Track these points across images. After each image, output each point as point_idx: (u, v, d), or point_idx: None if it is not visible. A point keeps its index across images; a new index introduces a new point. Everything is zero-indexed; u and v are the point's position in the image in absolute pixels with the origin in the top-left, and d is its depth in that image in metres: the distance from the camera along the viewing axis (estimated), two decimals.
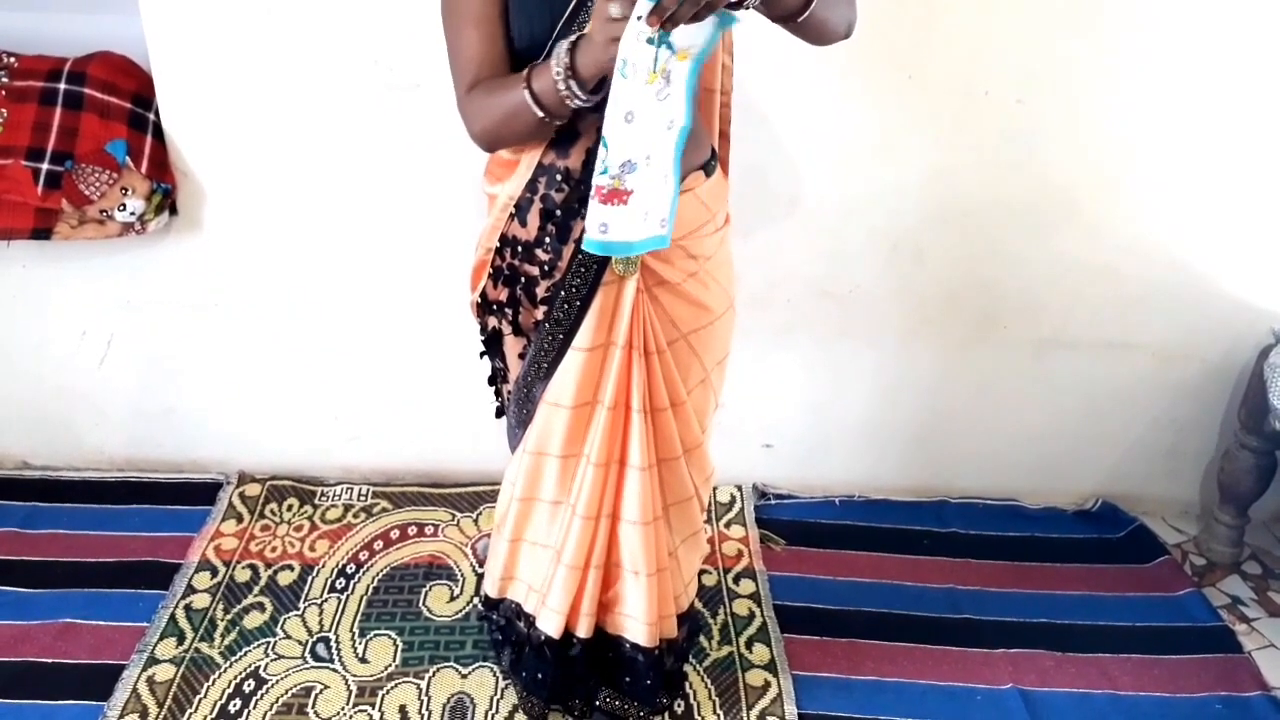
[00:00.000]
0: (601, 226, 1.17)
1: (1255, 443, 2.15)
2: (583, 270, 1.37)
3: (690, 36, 1.11)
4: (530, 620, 1.65)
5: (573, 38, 1.19)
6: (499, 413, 1.65)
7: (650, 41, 1.10)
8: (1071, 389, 2.30)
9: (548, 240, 1.38)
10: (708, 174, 1.44)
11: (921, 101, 1.99)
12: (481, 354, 1.59)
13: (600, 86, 1.18)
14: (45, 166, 1.91)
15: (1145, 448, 2.38)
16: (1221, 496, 2.27)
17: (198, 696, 1.79)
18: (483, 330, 1.55)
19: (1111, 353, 2.25)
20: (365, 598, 2.03)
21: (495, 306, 1.49)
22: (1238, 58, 1.95)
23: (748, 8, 1.16)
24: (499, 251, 1.44)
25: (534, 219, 1.38)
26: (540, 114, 1.23)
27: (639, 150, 1.14)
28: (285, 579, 2.07)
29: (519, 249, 1.41)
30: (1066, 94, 1.99)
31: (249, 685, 1.82)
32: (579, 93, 1.19)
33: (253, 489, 2.31)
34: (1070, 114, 2.01)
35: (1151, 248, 2.13)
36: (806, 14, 1.23)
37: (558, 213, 1.36)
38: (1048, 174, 2.06)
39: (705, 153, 1.45)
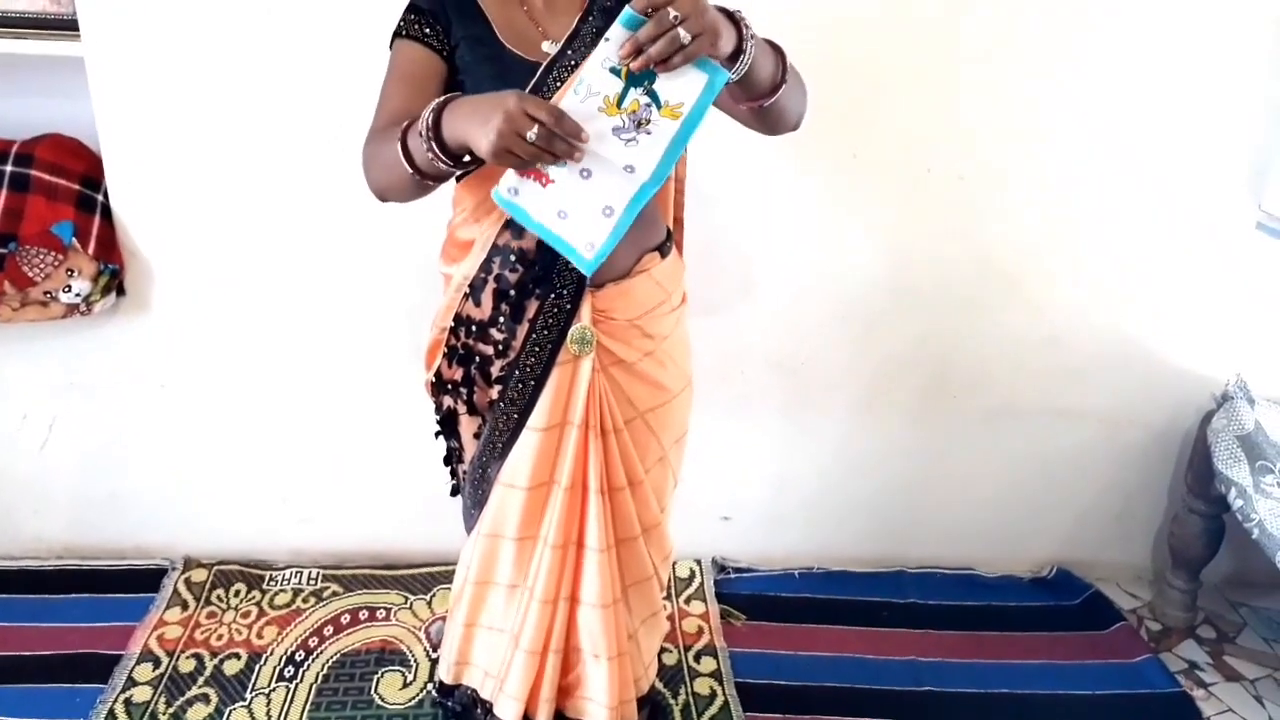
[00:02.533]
0: (511, 189, 1.16)
1: (1203, 507, 2.19)
2: (537, 350, 1.37)
3: (676, 90, 1.11)
4: (487, 707, 1.61)
5: (443, 98, 1.16)
6: (454, 490, 1.63)
7: (614, 71, 1.11)
8: (1022, 457, 2.33)
9: (502, 320, 1.38)
10: (663, 255, 1.45)
11: (866, 179, 2.04)
12: (436, 434, 1.58)
13: (473, 157, 1.15)
14: None
15: (1097, 514, 2.40)
16: (1173, 561, 2.30)
17: None
18: (438, 410, 1.54)
19: (1059, 421, 2.29)
20: (315, 686, 1.96)
21: (450, 386, 1.48)
22: (1171, 133, 2.04)
23: (732, 72, 1.17)
24: (454, 331, 1.44)
25: (488, 299, 1.38)
26: (409, 170, 1.19)
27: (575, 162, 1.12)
28: (231, 668, 1.99)
29: (473, 328, 1.41)
30: (1006, 169, 2.06)
31: None
32: (442, 157, 1.15)
33: (199, 574, 2.24)
34: (1011, 189, 2.07)
35: (1094, 318, 2.19)
36: (774, 98, 1.26)
37: (511, 293, 1.36)
38: (990, 247, 2.12)
39: (660, 234, 1.46)
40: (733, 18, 1.17)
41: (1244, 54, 1.98)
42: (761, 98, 1.26)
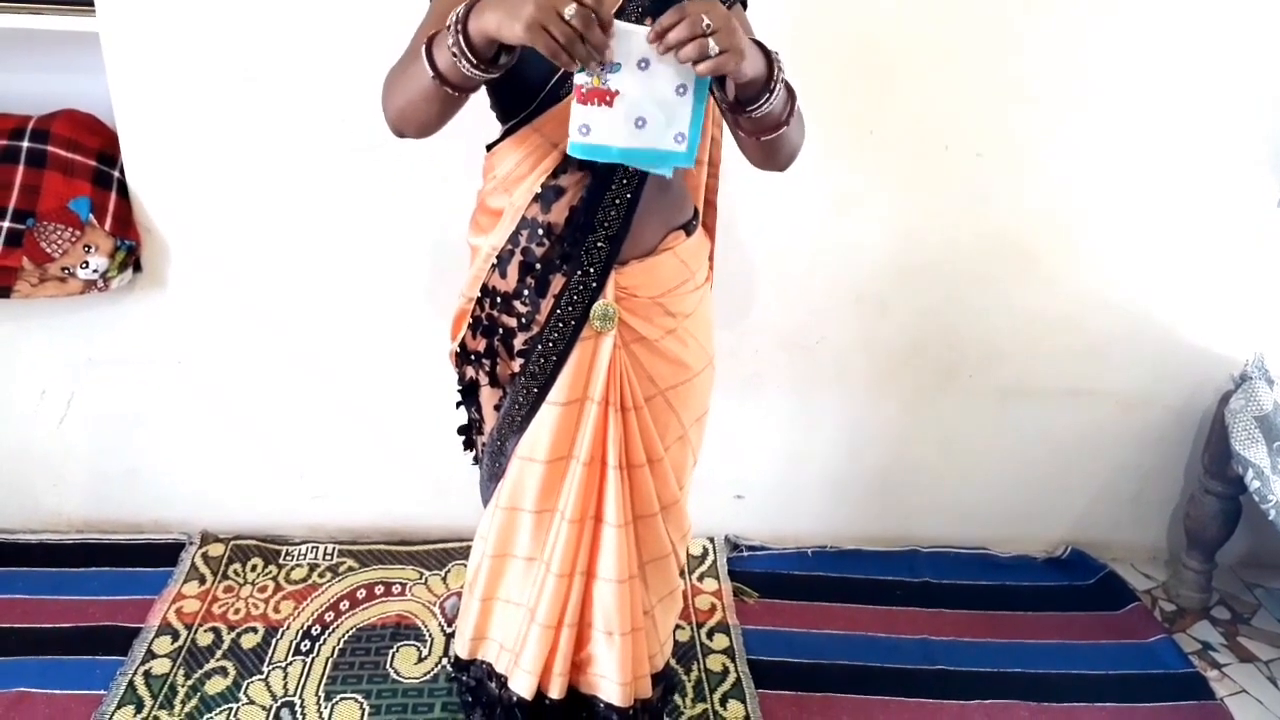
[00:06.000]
0: (582, 128, 1.11)
1: (1219, 488, 2.18)
2: (560, 325, 1.37)
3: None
4: (502, 681, 1.62)
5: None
6: (476, 459, 1.63)
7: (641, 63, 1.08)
8: (1037, 437, 2.32)
9: (526, 293, 1.38)
10: (688, 233, 1.45)
11: (882, 157, 2.03)
12: (458, 404, 1.58)
13: (496, 61, 1.12)
14: (6, 224, 1.88)
15: (1112, 494, 2.40)
16: (1188, 542, 2.29)
17: None
18: (460, 380, 1.54)
19: (1075, 400, 2.28)
20: (331, 660, 1.98)
21: (473, 357, 1.48)
22: (1192, 110, 2.01)
23: (754, 108, 1.17)
24: (479, 302, 1.44)
25: (514, 271, 1.38)
26: (431, 74, 1.13)
27: (627, 52, 1.07)
28: (249, 642, 2.01)
29: (498, 300, 1.41)
30: (1023, 147, 2.04)
31: None
32: (469, 56, 1.09)
33: (216, 549, 2.26)
34: (1028, 167, 2.05)
35: (1111, 297, 2.17)
36: (774, 135, 1.23)
37: (537, 266, 1.36)
38: (1006, 226, 2.10)
39: (687, 213, 1.46)
40: (768, 54, 1.16)
41: (1266, 31, 1.95)
42: (763, 132, 1.24)
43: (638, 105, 1.10)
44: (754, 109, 1.17)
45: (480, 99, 1.38)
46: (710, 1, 1.06)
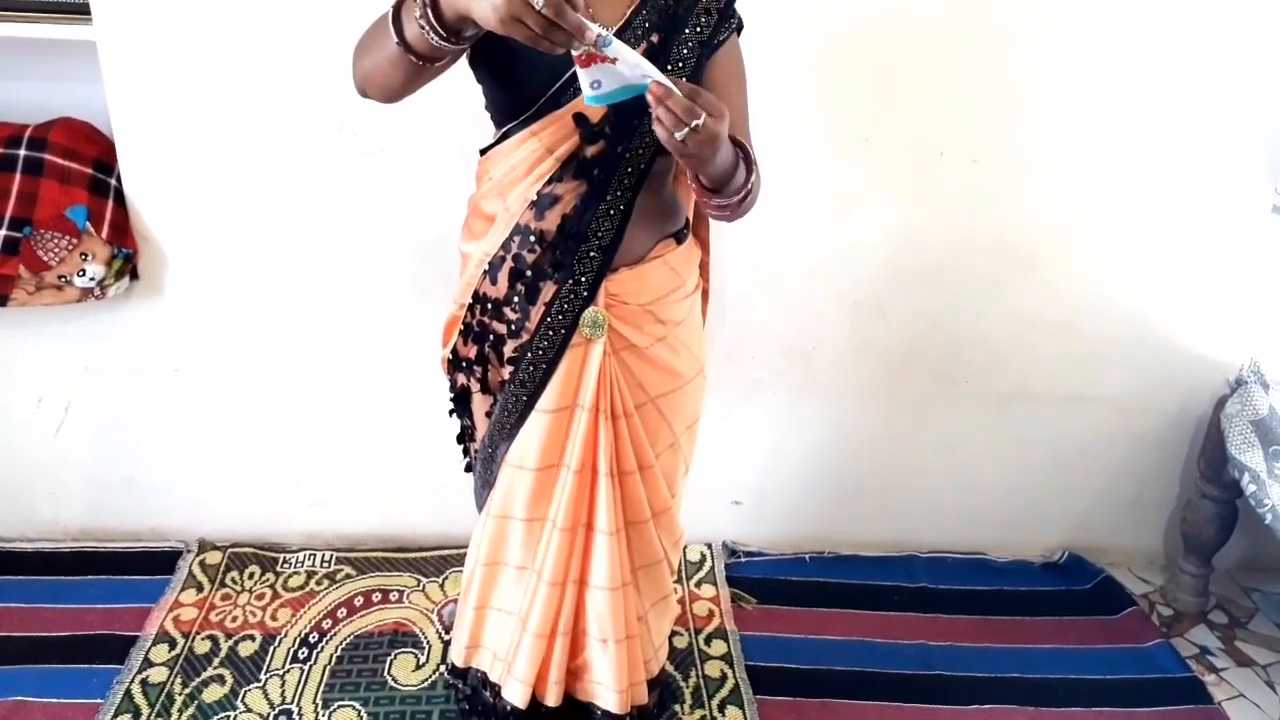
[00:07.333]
0: (593, 84, 1.11)
1: (1215, 492, 2.18)
2: (550, 333, 1.37)
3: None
4: (496, 690, 1.62)
5: None
6: (468, 466, 1.63)
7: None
8: (1034, 442, 2.33)
9: (516, 300, 1.39)
10: (679, 241, 1.45)
11: (879, 163, 2.03)
12: (450, 412, 1.58)
13: (463, 34, 1.12)
14: (3, 232, 1.88)
15: (1109, 499, 2.40)
16: (1185, 546, 2.29)
17: None
18: (452, 387, 1.55)
19: (1072, 406, 2.28)
20: (328, 668, 1.97)
21: (464, 363, 1.49)
22: (1188, 115, 2.02)
23: (715, 196, 1.26)
24: (471, 308, 1.44)
25: (504, 278, 1.39)
26: (396, 41, 1.14)
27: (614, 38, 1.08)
28: (246, 650, 2.01)
29: (489, 306, 1.42)
30: (1019, 154, 2.04)
31: None
32: (436, 28, 1.10)
33: (213, 557, 2.26)
34: (1024, 174, 2.06)
35: (1107, 303, 2.18)
36: (715, 203, 1.29)
37: (527, 273, 1.37)
38: (1004, 232, 2.11)
39: (679, 221, 1.47)
40: (748, 158, 1.24)
41: (1262, 36, 1.96)
42: (716, 210, 1.31)
43: (634, 68, 1.10)
44: (714, 197, 1.26)
45: (476, 98, 1.39)
46: (716, 106, 1.09)
